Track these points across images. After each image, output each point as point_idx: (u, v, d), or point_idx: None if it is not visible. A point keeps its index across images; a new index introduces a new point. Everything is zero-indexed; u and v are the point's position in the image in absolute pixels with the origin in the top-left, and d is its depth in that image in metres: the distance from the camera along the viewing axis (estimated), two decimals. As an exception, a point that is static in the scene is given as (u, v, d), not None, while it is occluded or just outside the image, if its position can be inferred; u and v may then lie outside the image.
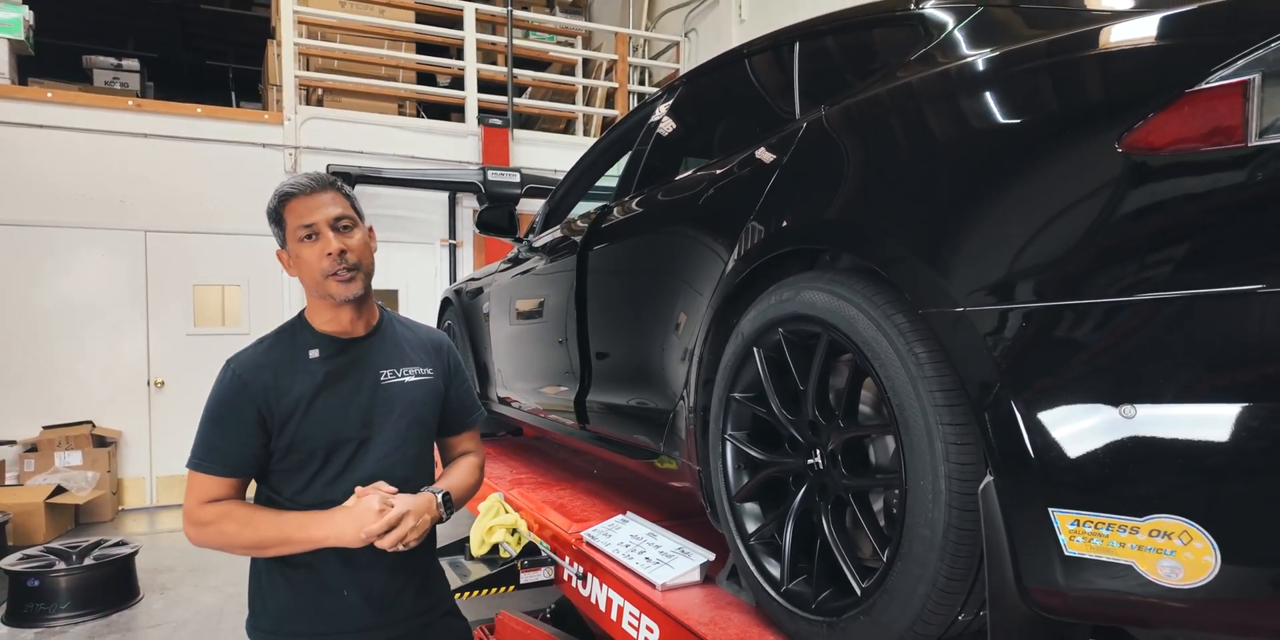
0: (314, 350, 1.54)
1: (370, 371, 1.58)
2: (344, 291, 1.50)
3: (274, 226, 1.54)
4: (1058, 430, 1.00)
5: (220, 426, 1.48)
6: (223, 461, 1.48)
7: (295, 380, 1.51)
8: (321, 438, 1.50)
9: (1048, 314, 1.01)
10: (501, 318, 3.20)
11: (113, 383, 5.98)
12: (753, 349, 1.55)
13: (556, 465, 3.16)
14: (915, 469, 1.18)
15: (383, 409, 1.57)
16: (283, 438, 1.49)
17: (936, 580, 1.16)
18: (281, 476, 1.52)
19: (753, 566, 1.53)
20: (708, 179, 1.87)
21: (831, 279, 1.37)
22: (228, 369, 1.51)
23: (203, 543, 1.48)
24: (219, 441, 1.48)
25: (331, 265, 1.48)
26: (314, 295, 1.55)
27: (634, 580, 1.77)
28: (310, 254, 1.49)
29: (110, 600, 3.97)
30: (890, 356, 1.22)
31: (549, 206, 3.01)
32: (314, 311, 1.58)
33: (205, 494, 1.48)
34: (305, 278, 1.52)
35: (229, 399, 1.48)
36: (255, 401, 1.47)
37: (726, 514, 1.62)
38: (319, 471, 1.52)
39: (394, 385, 1.59)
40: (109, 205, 5.90)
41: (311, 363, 1.53)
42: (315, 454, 1.51)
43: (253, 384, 1.48)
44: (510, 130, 6.87)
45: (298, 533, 1.44)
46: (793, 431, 1.47)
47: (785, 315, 1.45)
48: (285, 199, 1.51)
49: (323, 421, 1.50)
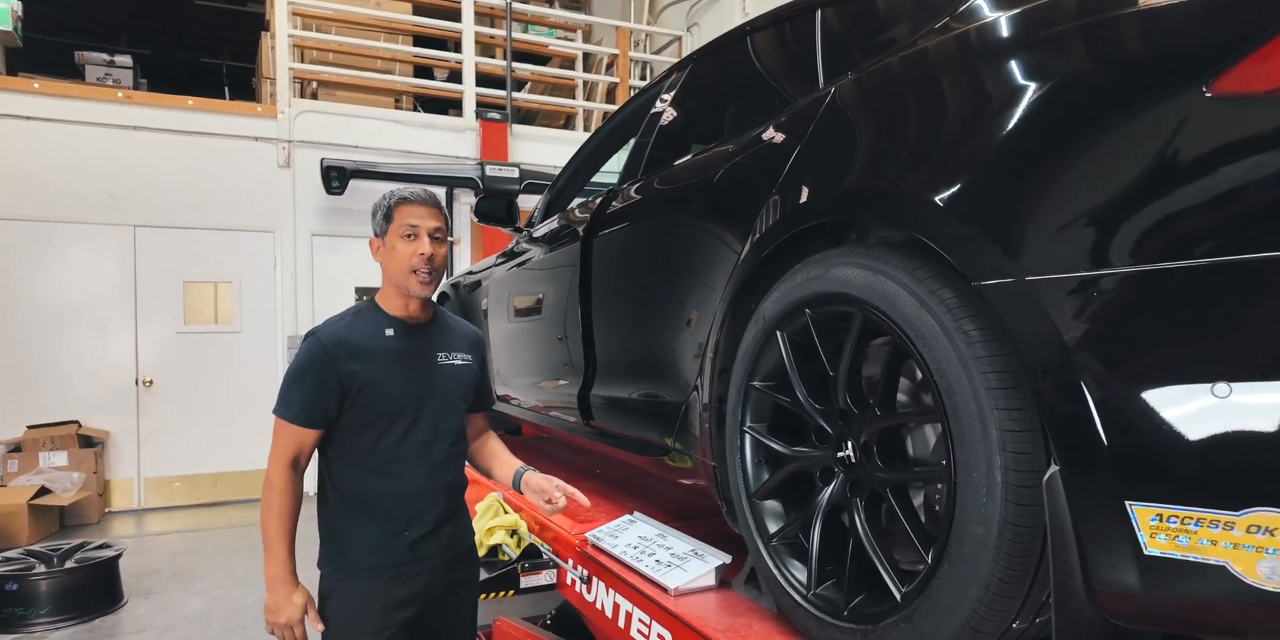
0: (389, 329, 1.80)
1: (431, 352, 1.85)
2: (422, 290, 1.78)
3: (380, 219, 1.79)
4: (1137, 413, 0.88)
5: (304, 385, 1.71)
6: (304, 413, 1.72)
7: (372, 353, 1.75)
8: (389, 403, 1.75)
9: (1124, 281, 0.89)
10: (500, 311, 3.08)
11: (100, 381, 5.82)
12: (776, 333, 1.43)
13: (559, 464, 3.03)
14: (965, 460, 1.06)
15: (438, 384, 1.84)
16: (358, 400, 1.72)
17: (990, 583, 1.04)
18: (351, 434, 1.76)
19: (775, 569, 1.41)
20: (721, 156, 1.75)
21: (866, 253, 1.25)
22: (314, 338, 1.74)
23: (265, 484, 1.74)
24: (302, 396, 1.71)
25: (420, 263, 1.75)
26: (392, 284, 1.80)
27: (643, 584, 1.64)
28: (406, 249, 1.75)
29: (93, 605, 3.82)
30: (936, 335, 1.10)
31: (549, 196, 2.89)
32: (387, 298, 1.83)
33: (288, 443, 1.72)
34: (392, 267, 1.78)
35: (315, 362, 1.71)
36: (337, 367, 1.71)
37: (746, 513, 1.50)
38: (385, 432, 1.76)
39: (447, 366, 1.87)
40: (97, 200, 5.76)
41: (387, 340, 1.79)
42: (382, 416, 1.75)
43: (337, 352, 1.71)
44: (509, 125, 6.75)
45: (268, 543, 1.73)
46: (821, 422, 1.35)
47: (813, 295, 1.33)
48: (402, 201, 1.78)
49: (392, 390, 1.75)
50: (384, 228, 1.79)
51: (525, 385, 2.87)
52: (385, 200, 1.80)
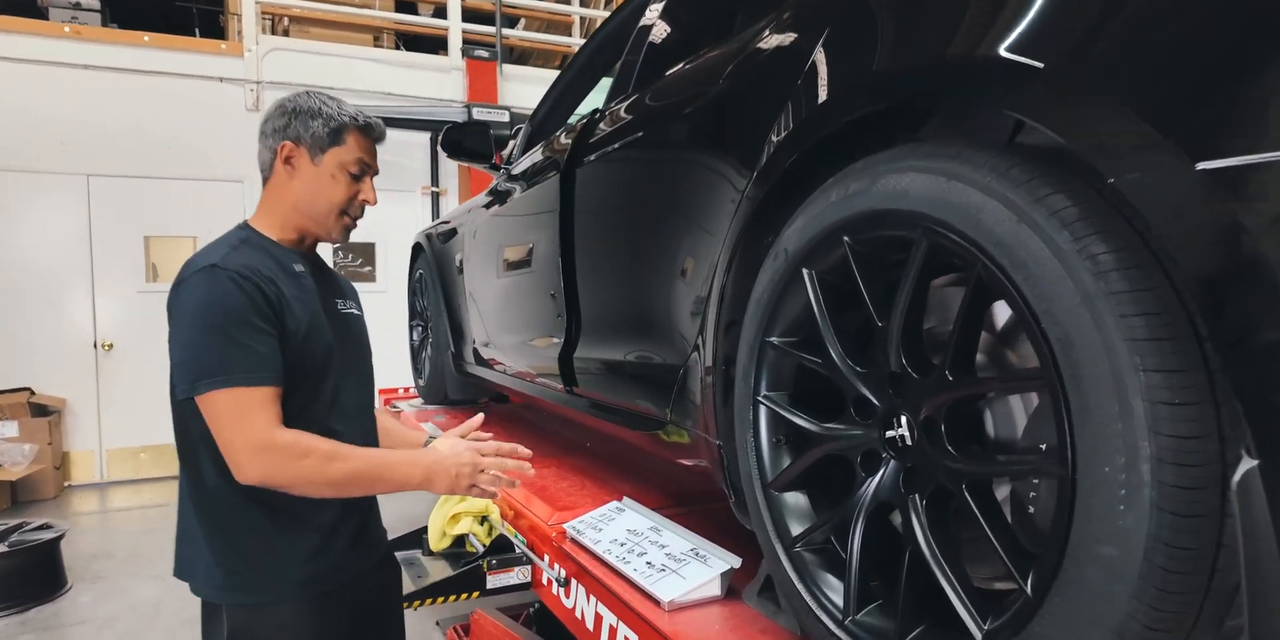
0: (297, 265, 1.41)
1: (332, 297, 1.49)
2: (340, 238, 1.46)
3: (322, 133, 1.39)
4: None
5: (247, 331, 1.25)
6: (270, 368, 1.26)
7: (295, 293, 1.35)
8: (318, 360, 1.37)
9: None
10: (475, 260, 2.72)
11: (54, 345, 5.40)
12: (801, 272, 1.07)
13: (544, 438, 2.70)
14: (1090, 447, 0.71)
15: (356, 334, 1.52)
16: (289, 353, 1.31)
17: (1128, 628, 0.70)
18: None
19: (800, 584, 1.07)
20: (727, 54, 1.38)
21: (933, 153, 0.89)
22: (223, 274, 1.27)
23: (271, 476, 1.23)
24: (257, 347, 1.25)
25: (358, 211, 1.45)
26: (303, 216, 1.42)
27: (631, 594, 1.31)
28: (347, 189, 1.41)
29: (30, 593, 3.45)
30: (1045, 262, 0.74)
31: (530, 127, 2.51)
32: (280, 228, 1.42)
33: (270, 411, 1.24)
34: (317, 200, 1.41)
35: (243, 303, 1.26)
36: (272, 307, 1.29)
37: (761, 508, 1.15)
38: (315, 394, 1.36)
39: (350, 315, 1.52)
40: (45, 146, 5.29)
41: (300, 276, 1.40)
42: (313, 373, 1.36)
43: (266, 288, 1.29)
44: (499, 65, 6.25)
45: (389, 472, 1.31)
46: (863, 390, 1.00)
47: (854, 216, 0.97)
48: (365, 128, 1.43)
49: (321, 342, 1.37)
50: (323, 145, 1.39)
51: (503, 346, 2.52)
52: (337, 113, 1.40)
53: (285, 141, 1.39)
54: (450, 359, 3.16)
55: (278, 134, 1.39)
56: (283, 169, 1.40)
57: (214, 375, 1.22)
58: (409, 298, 3.85)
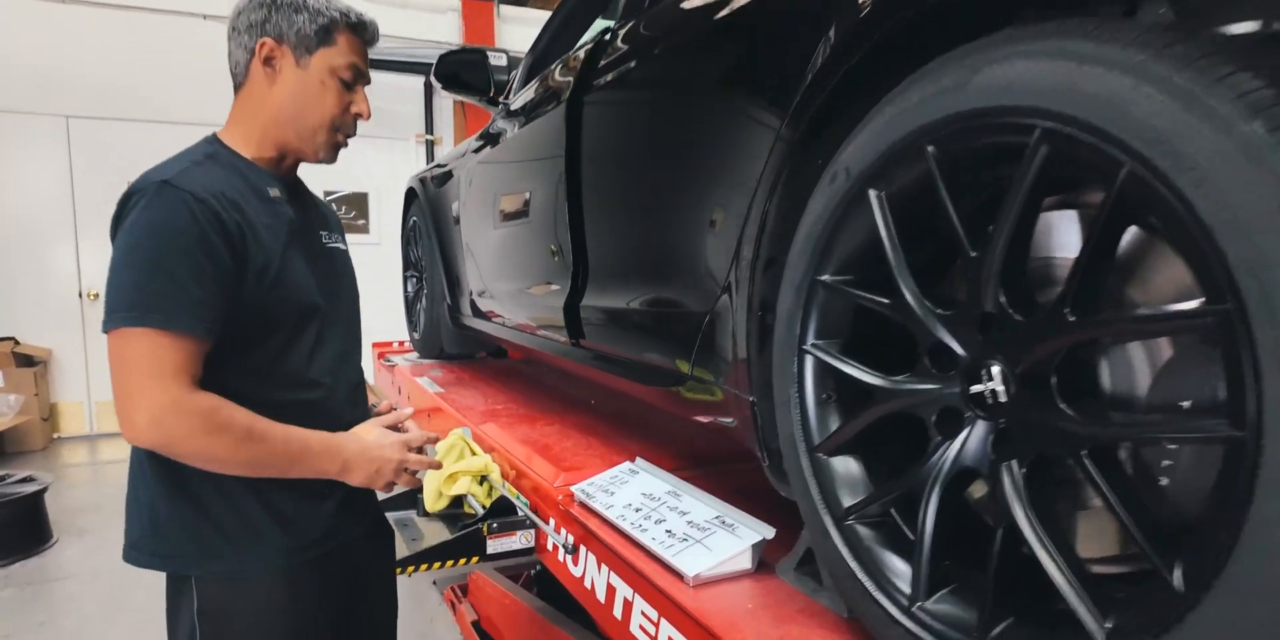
0: (272, 189, 1.21)
1: (314, 231, 1.30)
2: (328, 158, 1.27)
3: (310, 31, 1.18)
4: None
5: (185, 266, 1.04)
6: (201, 317, 1.06)
7: (266, 222, 1.16)
8: (293, 303, 1.19)
9: None
10: (472, 204, 2.52)
11: (38, 295, 5.21)
12: (867, 194, 0.89)
13: (547, 394, 2.54)
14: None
15: (341, 272, 1.34)
16: (258, 291, 1.13)
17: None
18: (239, 347, 1.13)
19: (853, 562, 0.91)
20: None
21: (1063, 31, 0.69)
22: (175, 194, 1.07)
23: (170, 445, 1.06)
24: (192, 288, 1.05)
25: (349, 126, 1.26)
26: (284, 130, 1.22)
27: (648, 565, 1.16)
28: (340, 98, 1.22)
29: (12, 546, 3.35)
30: (1229, 160, 0.56)
31: (530, 59, 2.30)
32: (256, 144, 1.22)
33: (190, 369, 1.05)
34: (305, 113, 1.21)
35: (191, 231, 1.05)
36: (231, 239, 1.09)
37: (805, 474, 0.99)
38: (291, 341, 1.19)
39: (335, 250, 1.34)
40: (23, 86, 5.03)
41: (275, 203, 1.21)
42: (286, 319, 1.18)
43: (226, 215, 1.09)
44: (495, 5, 5.95)
45: (306, 460, 1.14)
46: (944, 336, 0.83)
47: (945, 118, 0.78)
48: (355, 27, 1.22)
49: (299, 278, 1.20)
50: (310, 45, 1.19)
51: (500, 293, 2.34)
52: (325, 7, 1.19)
53: (265, 38, 1.18)
54: (446, 311, 2.99)
55: (255, 29, 1.19)
56: (261, 71, 1.19)
57: (131, 309, 1.03)
58: (402, 248, 3.66)
